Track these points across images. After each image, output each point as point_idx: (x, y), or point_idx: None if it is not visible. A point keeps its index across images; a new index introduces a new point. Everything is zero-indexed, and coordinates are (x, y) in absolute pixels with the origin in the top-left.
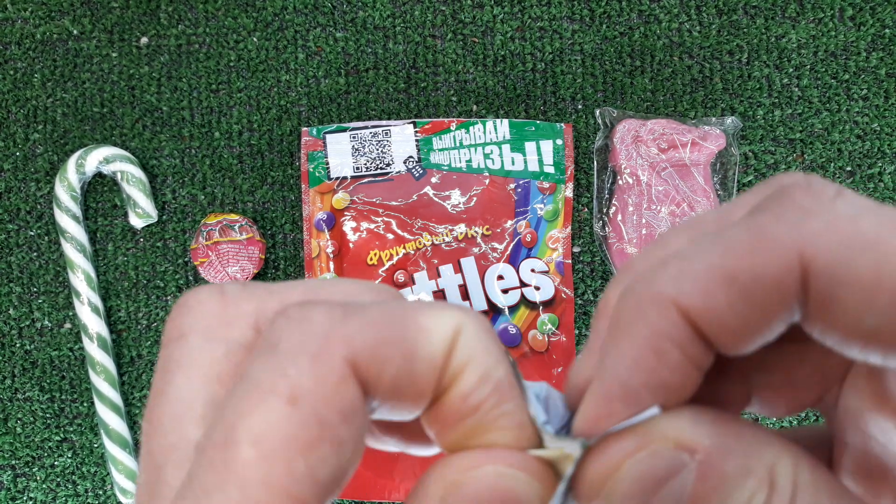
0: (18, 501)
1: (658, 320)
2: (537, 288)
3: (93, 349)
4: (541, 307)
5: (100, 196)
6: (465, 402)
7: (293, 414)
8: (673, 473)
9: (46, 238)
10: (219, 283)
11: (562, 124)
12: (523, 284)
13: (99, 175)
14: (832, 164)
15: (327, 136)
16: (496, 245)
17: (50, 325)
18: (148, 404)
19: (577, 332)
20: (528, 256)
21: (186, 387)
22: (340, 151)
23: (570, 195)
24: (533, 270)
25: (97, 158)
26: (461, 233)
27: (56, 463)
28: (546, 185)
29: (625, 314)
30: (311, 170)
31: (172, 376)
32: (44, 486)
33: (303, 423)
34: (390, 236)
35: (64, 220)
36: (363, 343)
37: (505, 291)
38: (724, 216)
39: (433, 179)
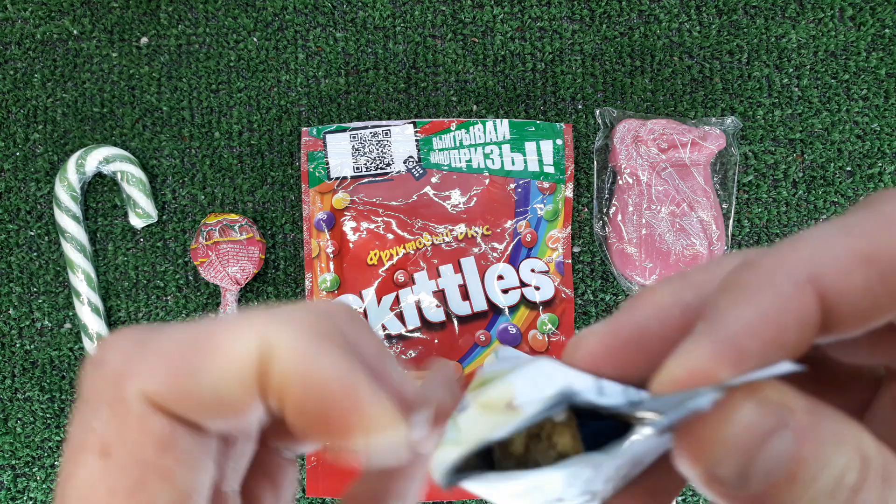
0: (18, 501)
1: (791, 293)
2: (537, 288)
3: (93, 349)
4: (541, 307)
5: (100, 196)
6: (305, 417)
7: (108, 466)
8: (777, 428)
9: (46, 238)
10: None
11: (562, 124)
12: (523, 284)
13: (99, 175)
14: (832, 164)
15: (327, 136)
16: (496, 245)
17: (50, 325)
18: None
19: (577, 331)
20: (528, 256)
21: None
22: (340, 151)
23: (570, 195)
24: (533, 270)
25: (97, 158)
26: (461, 233)
27: (56, 463)
28: (546, 185)
29: (751, 281)
30: (311, 170)
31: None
32: (44, 486)
33: (120, 471)
34: (390, 236)
35: (64, 220)
36: (157, 380)
37: (505, 291)
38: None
39: (433, 179)
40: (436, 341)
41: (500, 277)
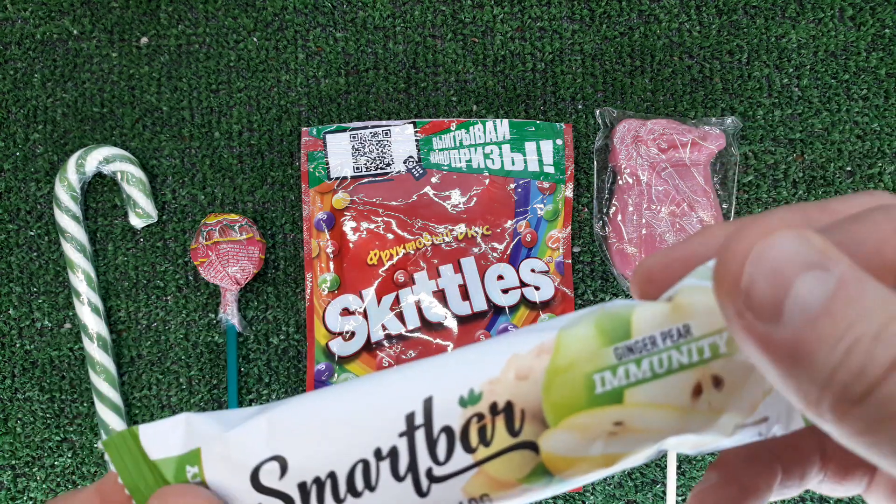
0: (18, 501)
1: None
2: (537, 288)
3: (93, 349)
4: (541, 307)
5: (100, 196)
6: None
7: None
8: (817, 265)
9: (46, 238)
10: None
11: (562, 124)
12: (523, 284)
13: (99, 175)
14: (832, 164)
15: (327, 136)
16: (496, 245)
17: (50, 325)
18: None
19: None
20: (528, 256)
21: None
22: (340, 151)
23: (570, 195)
24: (533, 270)
25: (97, 158)
26: (461, 233)
27: (56, 463)
28: (546, 185)
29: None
30: (311, 170)
31: None
32: (44, 486)
33: None
34: (390, 236)
35: (64, 220)
36: None
37: (505, 291)
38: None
39: (433, 179)
40: (436, 341)
41: (500, 277)
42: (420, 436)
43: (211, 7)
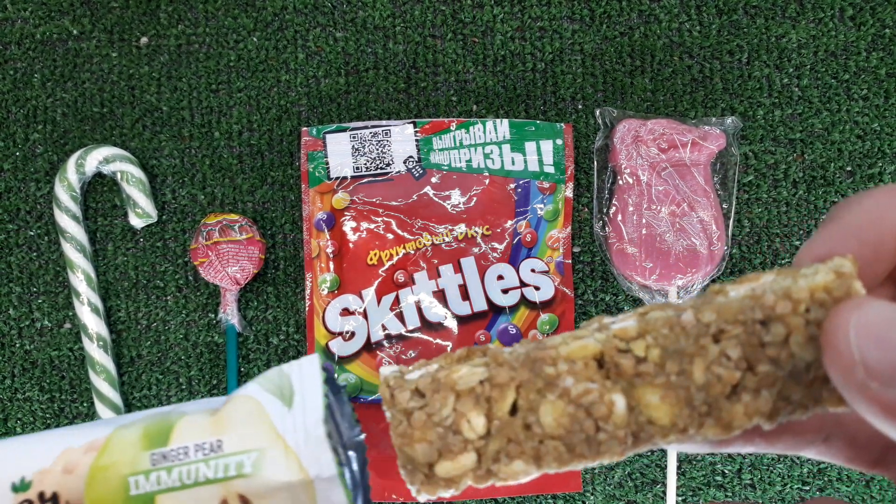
0: None
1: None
2: (537, 288)
3: (93, 349)
4: (541, 307)
5: (100, 196)
6: None
7: None
8: None
9: (46, 238)
10: None
11: (562, 124)
12: (523, 284)
13: (99, 175)
14: (832, 164)
15: (327, 136)
16: (496, 245)
17: (50, 325)
18: None
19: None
20: (528, 256)
21: None
22: (340, 151)
23: (570, 195)
24: (533, 270)
25: (97, 158)
26: (461, 233)
27: None
28: (546, 185)
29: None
30: (311, 170)
31: None
32: None
33: None
34: (390, 236)
35: (64, 220)
36: None
37: (505, 291)
38: None
39: (433, 179)
40: (436, 341)
41: (500, 277)
42: None
43: (211, 7)
